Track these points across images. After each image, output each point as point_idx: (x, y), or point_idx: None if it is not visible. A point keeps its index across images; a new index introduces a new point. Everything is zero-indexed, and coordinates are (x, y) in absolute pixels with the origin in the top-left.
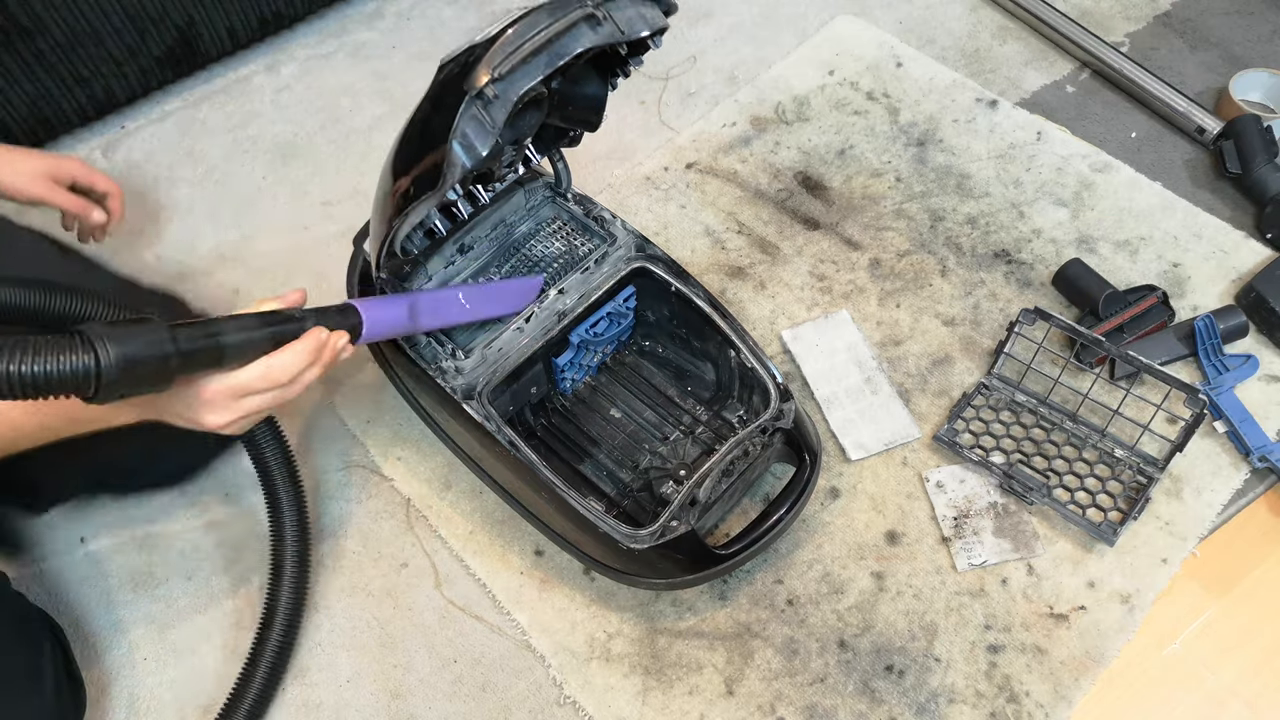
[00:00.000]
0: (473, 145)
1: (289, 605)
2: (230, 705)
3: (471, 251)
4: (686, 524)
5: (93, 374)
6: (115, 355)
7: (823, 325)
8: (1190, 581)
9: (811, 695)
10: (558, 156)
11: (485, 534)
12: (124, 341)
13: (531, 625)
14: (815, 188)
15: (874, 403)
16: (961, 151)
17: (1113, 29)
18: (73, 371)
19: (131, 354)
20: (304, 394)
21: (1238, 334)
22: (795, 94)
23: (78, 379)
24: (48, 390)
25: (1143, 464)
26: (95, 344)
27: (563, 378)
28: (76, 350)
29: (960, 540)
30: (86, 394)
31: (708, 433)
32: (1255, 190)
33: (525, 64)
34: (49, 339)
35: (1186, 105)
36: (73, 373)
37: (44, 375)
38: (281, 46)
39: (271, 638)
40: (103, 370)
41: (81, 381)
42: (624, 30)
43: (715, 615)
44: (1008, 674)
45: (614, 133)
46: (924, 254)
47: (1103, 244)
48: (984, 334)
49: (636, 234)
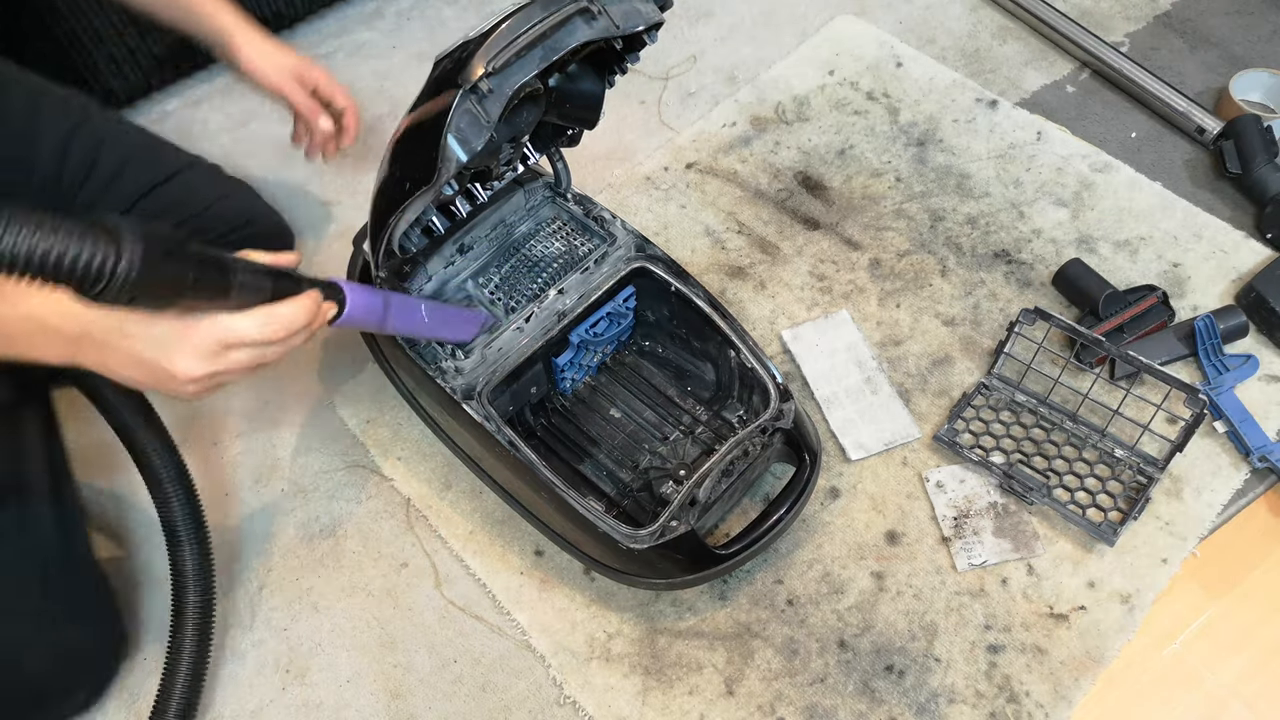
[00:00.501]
0: (468, 139)
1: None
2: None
3: (471, 251)
4: (686, 524)
5: (109, 267)
6: (138, 252)
7: (823, 325)
8: (1190, 581)
9: (811, 695)
10: (557, 156)
11: (485, 534)
12: (148, 241)
13: (531, 625)
14: (815, 188)
15: (874, 403)
16: (961, 151)
17: (1113, 29)
18: (89, 259)
19: (154, 256)
20: (301, 395)
21: (1238, 334)
22: (795, 94)
23: (91, 269)
24: (50, 273)
25: (1143, 464)
26: (119, 236)
27: (563, 378)
28: (98, 238)
29: (960, 540)
30: (92, 288)
31: (708, 433)
32: (1255, 190)
33: (520, 58)
34: (68, 220)
35: (1186, 105)
36: (89, 260)
37: (54, 256)
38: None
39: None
40: (120, 265)
41: (94, 272)
42: (619, 25)
43: (715, 615)
44: (1008, 674)
45: (614, 133)
46: (924, 254)
47: (1103, 244)
48: (984, 334)
49: (636, 234)
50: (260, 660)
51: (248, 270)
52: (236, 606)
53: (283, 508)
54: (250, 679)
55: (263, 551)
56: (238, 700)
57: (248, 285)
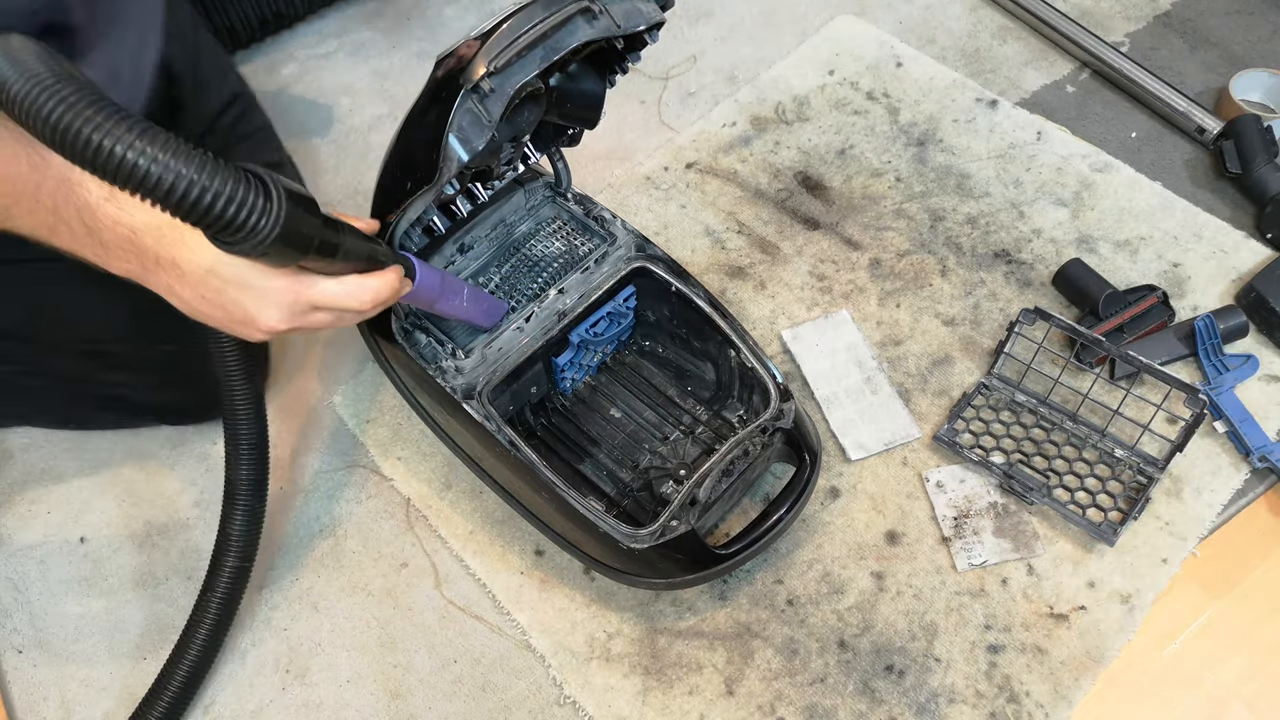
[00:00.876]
0: (469, 139)
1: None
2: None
3: (471, 251)
4: (686, 524)
5: (254, 220)
6: (284, 210)
7: (823, 325)
8: (1190, 581)
9: (811, 695)
10: (557, 156)
11: (485, 534)
12: (294, 199)
13: (531, 625)
14: (815, 188)
15: (874, 403)
16: (961, 151)
17: (1113, 29)
18: (238, 208)
19: (295, 215)
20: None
21: (1238, 334)
22: (795, 94)
23: (236, 218)
24: (188, 210)
25: (1143, 464)
26: (271, 189)
27: (563, 377)
28: (251, 186)
29: (960, 540)
30: (230, 235)
31: (708, 433)
32: (1255, 190)
33: (521, 58)
34: (223, 163)
35: (1186, 105)
36: (236, 209)
37: (202, 196)
38: (281, 46)
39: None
40: (266, 221)
41: (239, 222)
42: (621, 24)
43: (715, 615)
44: (1008, 674)
45: (614, 133)
46: (924, 254)
47: (1103, 244)
48: (984, 334)
49: (636, 234)
50: (260, 660)
51: (353, 236)
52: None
53: (282, 507)
54: (250, 679)
55: (262, 551)
56: (238, 700)
57: (351, 252)
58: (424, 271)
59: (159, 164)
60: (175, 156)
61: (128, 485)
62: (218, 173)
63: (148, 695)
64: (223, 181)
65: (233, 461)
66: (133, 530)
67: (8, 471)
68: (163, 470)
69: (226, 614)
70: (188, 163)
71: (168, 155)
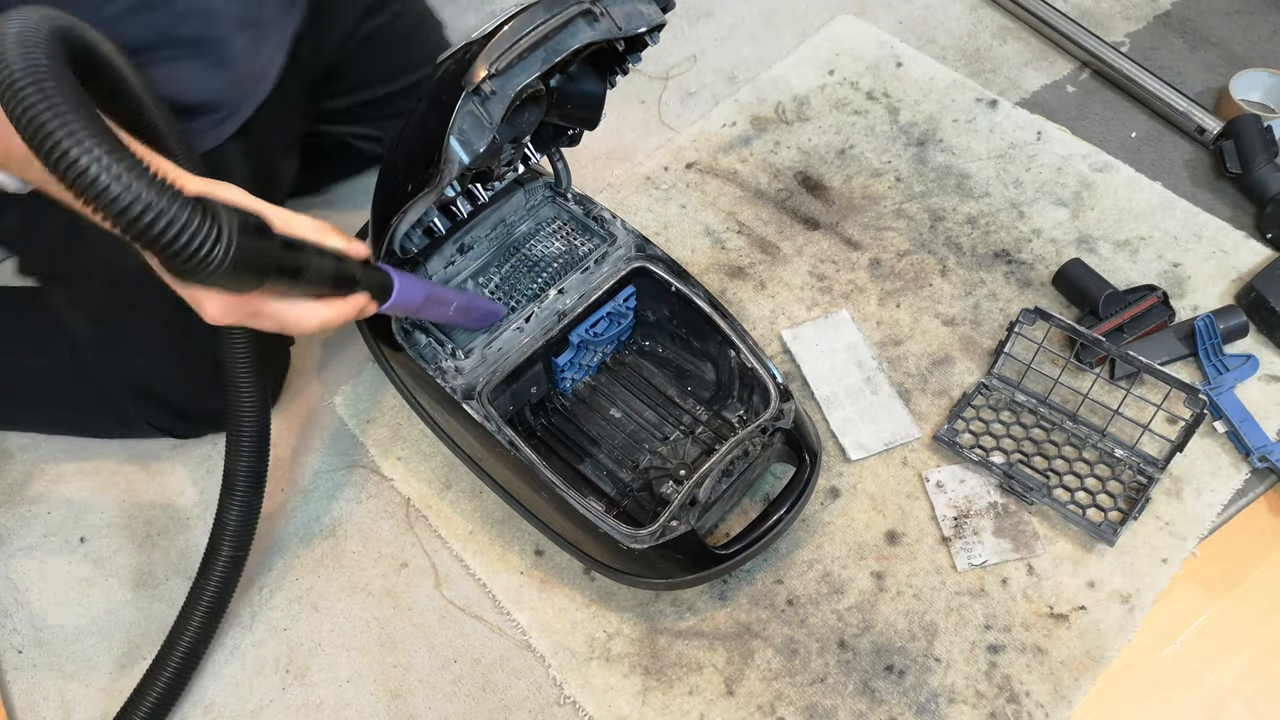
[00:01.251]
0: (470, 141)
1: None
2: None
3: (471, 251)
4: (686, 524)
5: (204, 253)
6: (234, 245)
7: (823, 325)
8: (1190, 581)
9: (811, 695)
10: (557, 156)
11: (485, 534)
12: (244, 233)
13: (531, 625)
14: (815, 188)
15: (874, 403)
16: (961, 151)
17: (1113, 29)
18: (187, 239)
19: (248, 249)
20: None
21: (1238, 334)
22: (795, 94)
23: (178, 248)
24: (135, 233)
25: (1143, 464)
26: (219, 222)
27: (563, 378)
28: (201, 218)
29: (960, 540)
30: (177, 264)
31: (708, 433)
32: (1255, 190)
33: (522, 60)
34: (178, 189)
35: (1186, 105)
36: (186, 240)
37: (150, 220)
38: None
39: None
40: (215, 252)
41: (181, 252)
42: (621, 26)
43: (715, 615)
44: (1008, 674)
45: (614, 133)
46: (924, 254)
47: (1103, 244)
48: (984, 334)
49: (636, 234)
50: (260, 660)
51: (320, 257)
52: (236, 606)
53: (282, 507)
54: (250, 679)
55: (262, 551)
56: (238, 700)
57: (316, 275)
58: (403, 287)
59: (115, 178)
60: (135, 175)
61: (128, 485)
62: (175, 199)
63: (142, 681)
64: (179, 207)
65: (233, 452)
66: (133, 530)
67: (8, 471)
68: (163, 470)
69: (221, 600)
70: (147, 184)
71: (128, 172)
